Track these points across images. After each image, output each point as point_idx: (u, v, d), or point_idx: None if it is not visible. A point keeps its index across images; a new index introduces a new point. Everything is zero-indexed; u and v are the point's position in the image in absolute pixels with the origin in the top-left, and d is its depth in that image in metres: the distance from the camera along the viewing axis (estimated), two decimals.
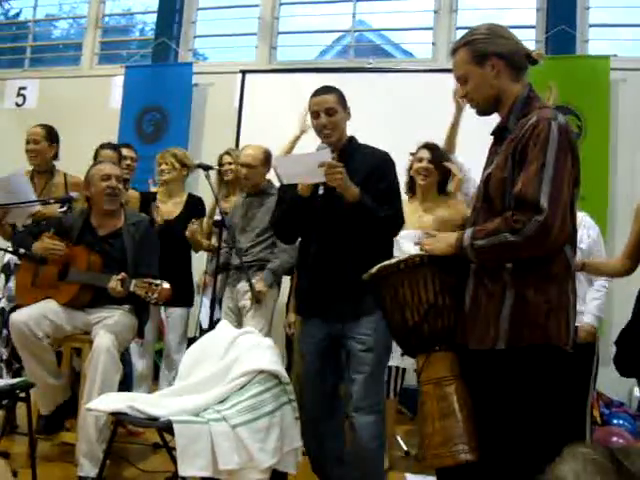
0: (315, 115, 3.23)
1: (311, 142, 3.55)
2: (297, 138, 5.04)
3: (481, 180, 2.42)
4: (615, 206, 5.79)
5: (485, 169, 2.41)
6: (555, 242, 2.14)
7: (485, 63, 2.34)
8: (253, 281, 4.32)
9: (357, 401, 3.07)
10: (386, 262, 2.44)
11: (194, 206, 4.83)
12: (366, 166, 3.18)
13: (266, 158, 4.60)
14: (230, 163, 5.07)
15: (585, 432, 3.80)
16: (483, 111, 2.45)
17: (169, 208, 4.79)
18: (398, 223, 3.20)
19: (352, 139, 3.33)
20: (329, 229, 3.16)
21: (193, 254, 4.90)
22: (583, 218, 3.99)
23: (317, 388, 3.22)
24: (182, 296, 4.59)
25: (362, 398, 3.06)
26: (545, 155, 2.13)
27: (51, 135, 4.69)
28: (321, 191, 3.18)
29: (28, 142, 4.63)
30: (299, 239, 3.46)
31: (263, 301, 4.35)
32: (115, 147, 4.96)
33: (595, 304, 4.02)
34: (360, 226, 3.04)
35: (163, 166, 4.79)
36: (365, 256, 2.90)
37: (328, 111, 3.19)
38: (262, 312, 4.39)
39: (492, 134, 2.46)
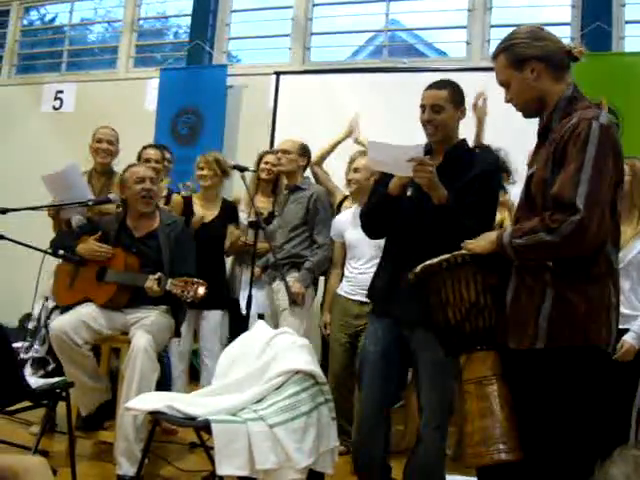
0: (422, 109, 3.07)
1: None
2: (340, 140, 5.06)
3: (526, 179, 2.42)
4: None
5: (528, 169, 2.41)
6: (592, 242, 2.13)
7: (524, 67, 2.35)
8: (289, 280, 4.34)
9: (428, 417, 2.95)
10: (428, 261, 2.43)
11: (228, 211, 4.86)
12: (470, 172, 2.99)
13: (303, 149, 4.64)
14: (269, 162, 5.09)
15: (629, 434, 3.72)
16: (527, 114, 2.46)
17: (205, 212, 4.81)
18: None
19: (463, 142, 3.17)
20: (412, 232, 3.01)
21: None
22: None
23: (377, 390, 3.08)
24: (217, 299, 4.61)
25: (433, 414, 2.94)
26: (584, 155, 2.11)
27: (118, 139, 4.82)
28: (409, 192, 3.04)
29: (100, 141, 4.68)
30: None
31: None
32: (157, 146, 5.07)
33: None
34: (443, 231, 2.85)
35: (206, 171, 4.78)
36: None
37: (434, 107, 3.01)
38: (298, 312, 4.39)
39: (538, 135, 2.45)
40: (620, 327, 2.37)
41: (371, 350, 3.11)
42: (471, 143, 3.92)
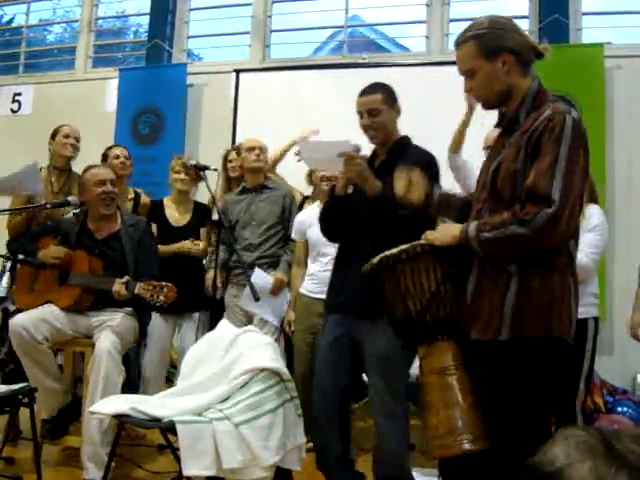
0: (360, 115, 3.17)
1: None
2: (288, 148, 5.08)
3: (481, 170, 2.42)
4: (613, 192, 5.79)
5: (490, 160, 2.38)
6: (563, 235, 2.13)
7: (496, 58, 2.28)
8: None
9: (375, 408, 3.03)
10: (387, 252, 2.41)
11: (201, 213, 4.86)
12: (409, 164, 3.02)
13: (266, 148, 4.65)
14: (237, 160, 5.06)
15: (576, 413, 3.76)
16: (490, 105, 2.41)
17: (178, 215, 4.81)
18: (421, 225, 2.88)
19: (404, 139, 3.24)
20: (356, 228, 3.11)
21: None
22: (589, 209, 3.69)
23: (326, 384, 3.12)
24: (196, 301, 4.61)
25: (379, 405, 3.01)
26: (559, 149, 2.10)
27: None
28: (350, 190, 3.13)
29: (68, 136, 4.66)
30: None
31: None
32: (121, 146, 5.12)
33: None
34: (381, 222, 2.94)
35: (183, 175, 4.77)
36: None
37: (371, 112, 3.11)
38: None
39: (497, 126, 2.44)
40: None
41: (321, 344, 3.22)
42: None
